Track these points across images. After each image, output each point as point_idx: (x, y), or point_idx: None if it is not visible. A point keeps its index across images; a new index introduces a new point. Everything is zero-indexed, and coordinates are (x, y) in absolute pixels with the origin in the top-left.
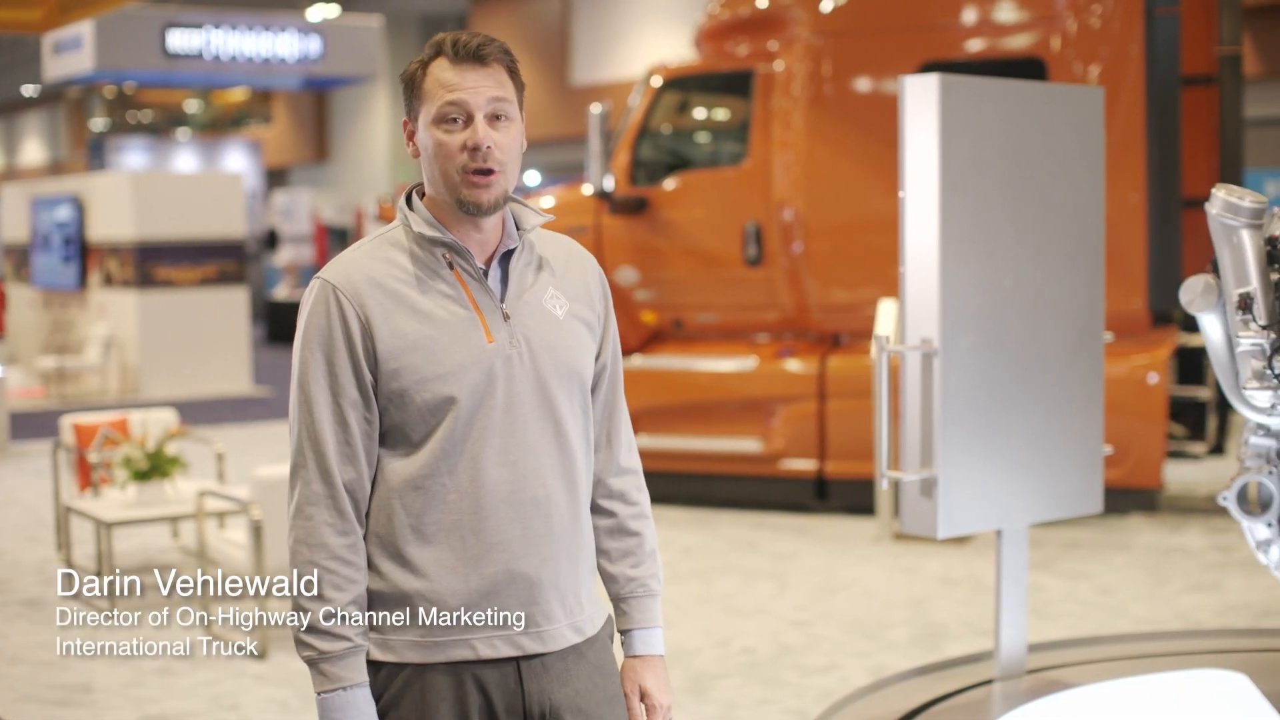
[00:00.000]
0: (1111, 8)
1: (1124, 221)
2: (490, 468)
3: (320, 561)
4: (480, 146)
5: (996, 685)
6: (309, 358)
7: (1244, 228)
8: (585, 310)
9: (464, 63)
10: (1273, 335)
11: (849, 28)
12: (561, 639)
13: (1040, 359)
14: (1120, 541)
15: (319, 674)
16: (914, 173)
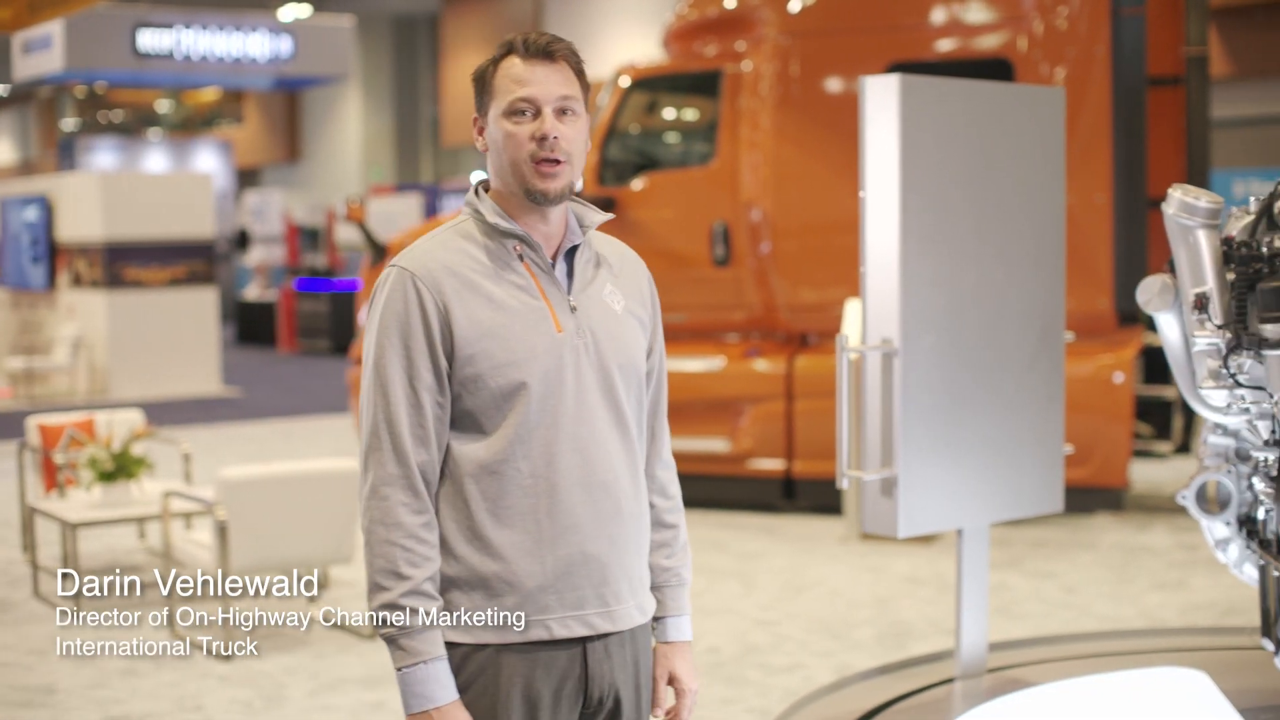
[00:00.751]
0: (1078, 9)
1: (1090, 221)
2: (563, 453)
3: (397, 540)
4: (548, 136)
5: (957, 684)
6: (386, 343)
7: (1200, 228)
8: (639, 309)
9: (534, 59)
10: (1228, 335)
11: (816, 28)
12: (628, 618)
13: (1001, 359)
14: (1086, 540)
15: (399, 650)
16: (874, 173)
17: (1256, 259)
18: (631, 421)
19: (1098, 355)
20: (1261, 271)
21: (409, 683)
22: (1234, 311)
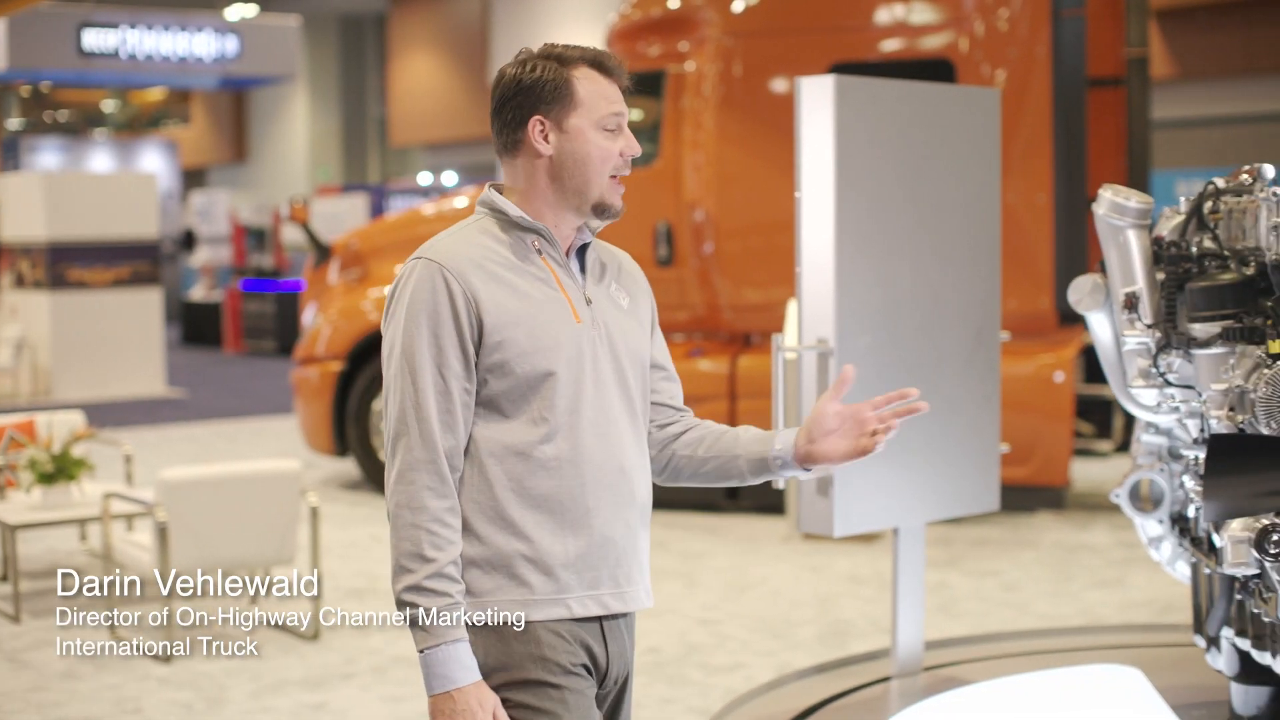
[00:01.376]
0: (1019, 10)
1: (1031, 222)
2: (586, 438)
3: (423, 524)
4: (636, 154)
5: (894, 682)
6: (414, 330)
7: (1130, 228)
8: (640, 307)
9: (616, 78)
10: (1158, 334)
11: (759, 29)
12: (637, 600)
13: (937, 358)
14: (1027, 539)
15: (422, 631)
16: (810, 173)
17: (1186, 259)
18: (640, 412)
19: (1038, 355)
20: (1191, 271)
21: (431, 664)
22: (1164, 311)
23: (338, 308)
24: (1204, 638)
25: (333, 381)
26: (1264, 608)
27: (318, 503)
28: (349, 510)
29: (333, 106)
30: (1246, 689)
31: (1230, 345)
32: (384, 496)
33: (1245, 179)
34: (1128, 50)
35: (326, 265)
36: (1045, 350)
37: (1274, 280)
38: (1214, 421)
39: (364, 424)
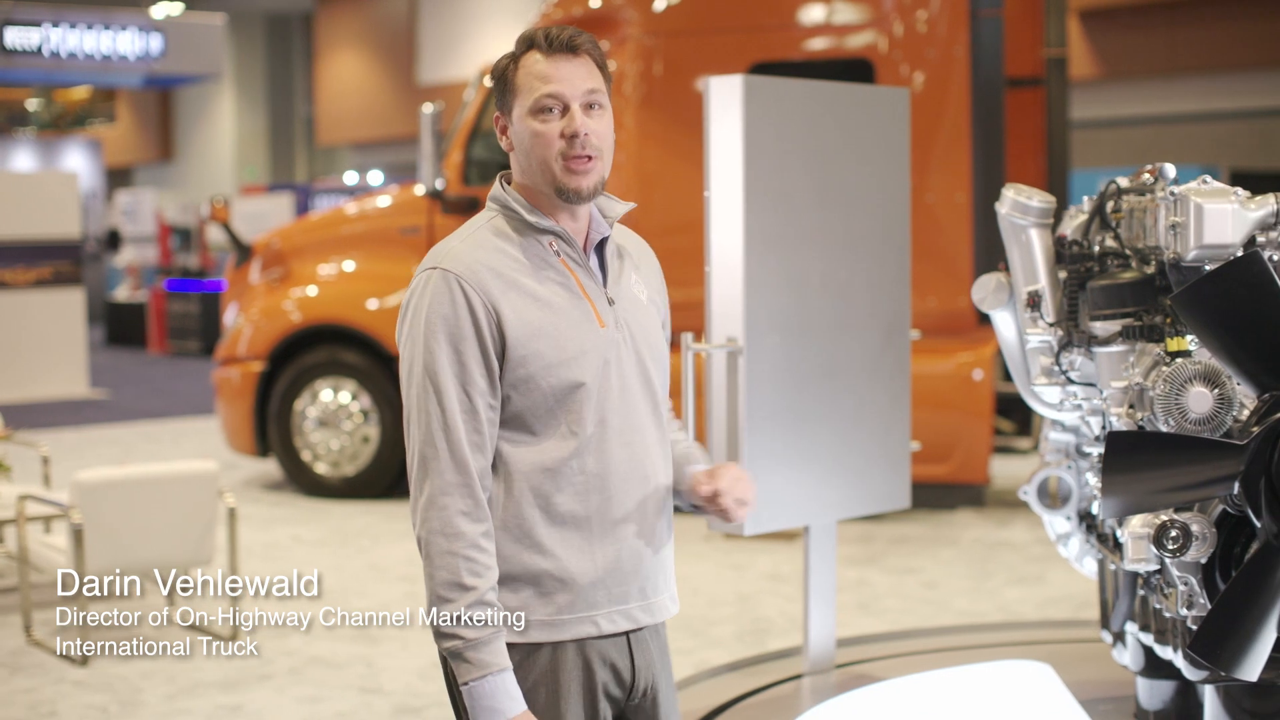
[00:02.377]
0: (937, 11)
1: (950, 221)
2: (613, 448)
3: (460, 551)
4: (579, 134)
5: (805, 679)
6: (436, 347)
7: (1032, 227)
8: (658, 297)
9: (557, 54)
10: (1060, 332)
11: (680, 28)
12: (664, 610)
13: (846, 357)
14: (948, 536)
15: (465, 663)
16: (718, 173)
17: (1088, 257)
18: (664, 411)
19: (957, 353)
20: (1092, 270)
21: (477, 696)
22: (1065, 309)
23: (259, 307)
24: (1110, 633)
25: (254, 382)
26: (1165, 603)
27: (235, 504)
28: (270, 511)
29: (259, 106)
30: (1152, 683)
31: (1130, 343)
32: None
33: (1147, 178)
34: (1046, 50)
35: (248, 265)
36: (964, 349)
37: (1172, 279)
38: (1114, 419)
39: (286, 425)
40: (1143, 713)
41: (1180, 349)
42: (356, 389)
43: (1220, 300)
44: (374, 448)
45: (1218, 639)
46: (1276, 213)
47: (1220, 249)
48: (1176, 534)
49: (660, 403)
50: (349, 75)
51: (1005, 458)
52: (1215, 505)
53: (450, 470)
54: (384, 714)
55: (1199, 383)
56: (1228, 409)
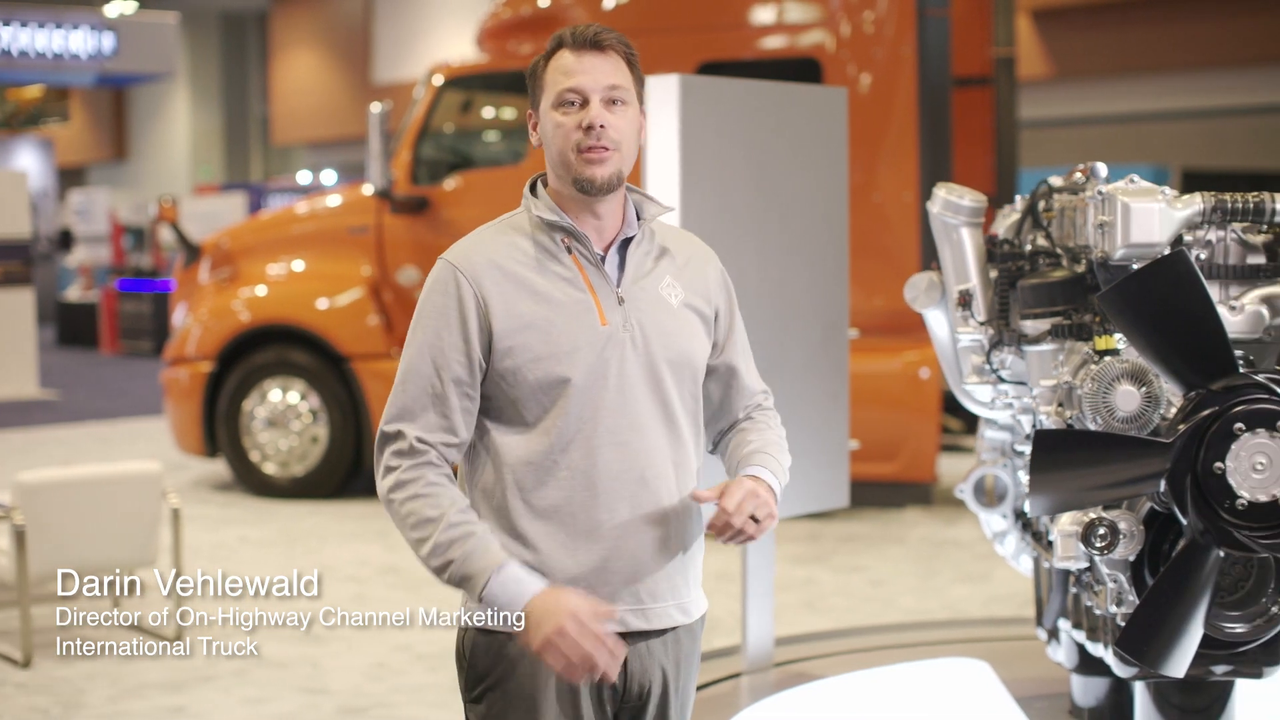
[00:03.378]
0: (884, 11)
1: (898, 220)
2: (603, 447)
3: (417, 492)
4: (594, 125)
5: (744, 678)
6: (418, 334)
7: (964, 226)
8: (701, 303)
9: (583, 50)
10: (991, 331)
11: (628, 28)
12: (667, 618)
13: (784, 356)
14: (895, 534)
15: (468, 579)
16: (655, 172)
17: (1019, 256)
18: (681, 418)
19: (904, 351)
20: (1023, 269)
21: (496, 598)
22: (996, 308)
23: (208, 307)
24: (1045, 631)
25: (202, 382)
26: (1095, 600)
27: (179, 504)
28: (219, 512)
29: (214, 105)
30: (1086, 680)
31: (1059, 341)
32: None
33: (1079, 178)
34: (995, 50)
35: (196, 265)
36: (911, 347)
37: (1100, 278)
38: (1043, 417)
39: (234, 425)
40: (1078, 710)
41: (1108, 347)
42: (305, 389)
43: (1146, 299)
44: (323, 448)
45: (1145, 636)
46: (1203, 212)
47: (1147, 248)
48: (1104, 531)
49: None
50: (304, 74)
51: (953, 456)
52: (1143, 503)
53: (405, 446)
54: (328, 714)
55: (1126, 381)
56: (1155, 407)
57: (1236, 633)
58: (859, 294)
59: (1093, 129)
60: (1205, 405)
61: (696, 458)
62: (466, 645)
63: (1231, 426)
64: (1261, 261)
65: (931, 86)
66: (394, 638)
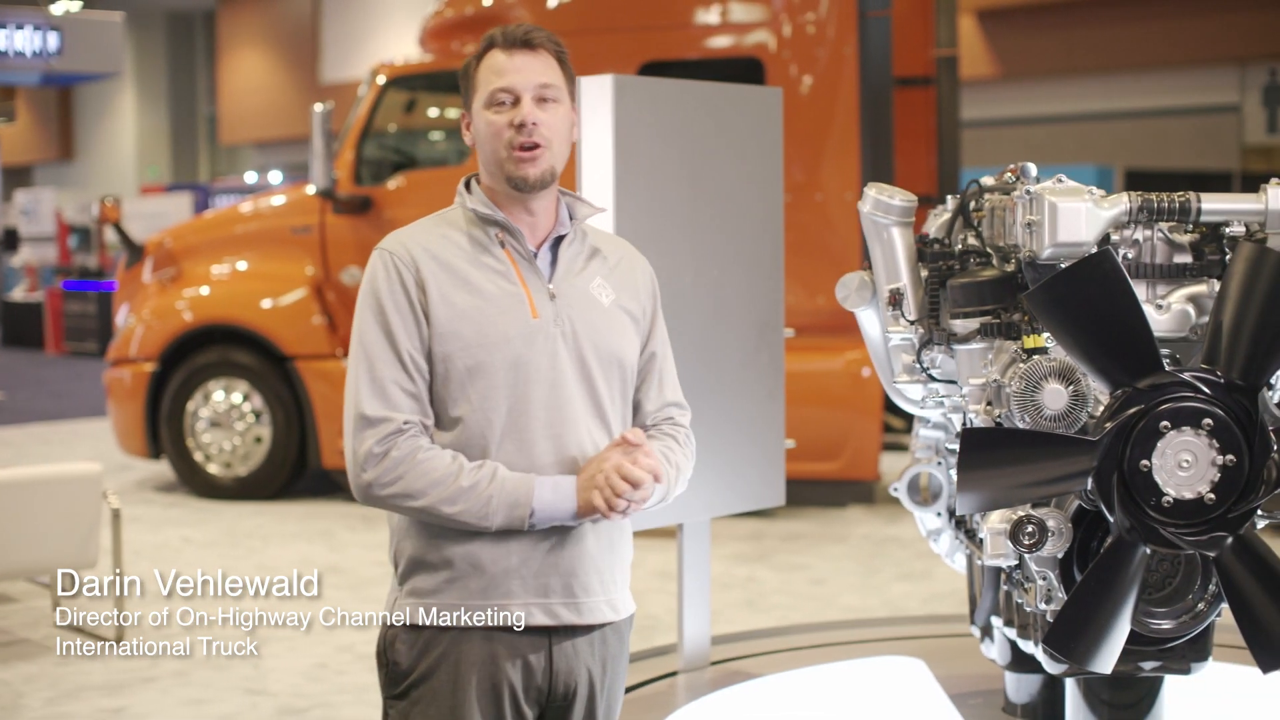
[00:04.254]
0: (826, 11)
1: (840, 219)
2: (536, 439)
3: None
4: (526, 123)
5: (680, 677)
6: (366, 318)
7: (894, 225)
8: (632, 304)
9: (514, 49)
10: (921, 330)
11: (571, 28)
12: (597, 613)
13: (719, 356)
14: (838, 533)
15: (516, 505)
16: (589, 172)
17: (949, 255)
18: (611, 414)
19: (847, 351)
20: (953, 268)
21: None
22: (927, 307)
23: (151, 307)
24: (978, 628)
25: (145, 383)
26: (1025, 598)
27: (119, 505)
28: (162, 513)
29: (161, 104)
30: (1019, 677)
31: (988, 340)
32: (354, 492)
33: (1009, 177)
34: (937, 50)
35: (140, 265)
36: (853, 346)
37: (1028, 277)
38: (972, 416)
39: (178, 426)
40: (1011, 706)
41: (1036, 346)
42: (249, 389)
43: (1072, 298)
44: (266, 448)
45: (1072, 633)
46: (1129, 211)
47: (1074, 247)
48: (1032, 529)
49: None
50: (252, 74)
51: (895, 454)
52: (1072, 501)
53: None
54: (268, 715)
55: (1054, 379)
56: (1082, 405)
57: (1164, 629)
58: (801, 293)
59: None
60: (1131, 403)
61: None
62: (389, 643)
63: (1157, 424)
64: (1188, 261)
65: (873, 86)
66: (336, 638)
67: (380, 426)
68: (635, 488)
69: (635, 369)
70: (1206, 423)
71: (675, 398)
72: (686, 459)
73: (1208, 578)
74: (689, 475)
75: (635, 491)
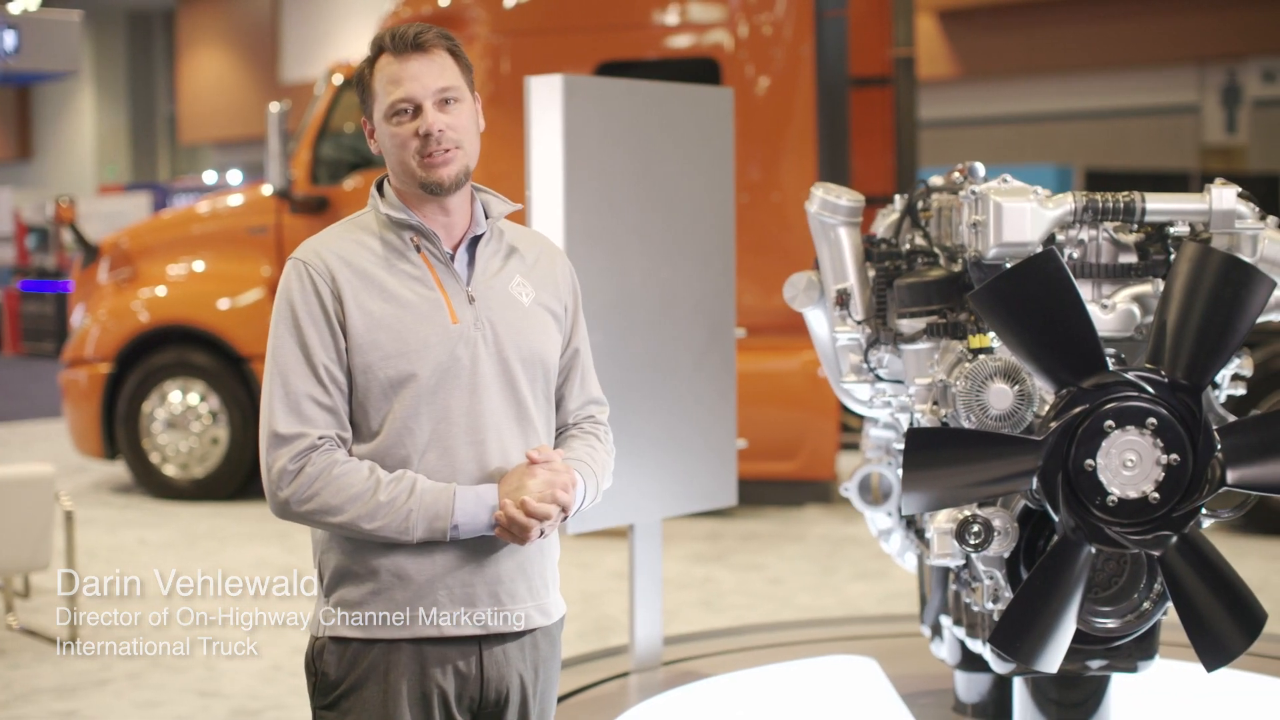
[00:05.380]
0: (783, 11)
1: (797, 219)
2: (458, 446)
3: (336, 474)
4: (432, 132)
5: (632, 677)
6: (280, 331)
7: (841, 225)
8: (552, 301)
9: (406, 54)
10: (868, 330)
11: (528, 27)
12: (526, 619)
13: (671, 355)
14: (795, 533)
15: (437, 517)
16: (539, 172)
17: (896, 255)
18: (535, 415)
19: (803, 350)
20: (900, 268)
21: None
22: (874, 307)
23: (107, 308)
24: (928, 627)
25: (101, 384)
26: (973, 597)
27: (72, 507)
28: (118, 514)
29: (120, 103)
30: (969, 676)
31: (935, 340)
32: (270, 504)
33: (957, 177)
34: (895, 50)
35: (95, 265)
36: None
37: (973, 277)
38: (919, 415)
39: (134, 427)
40: (961, 705)
41: (982, 346)
42: (205, 390)
43: (1017, 297)
44: (223, 449)
45: (1018, 632)
46: (1074, 211)
47: (1019, 247)
48: (978, 529)
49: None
50: (211, 73)
51: (853, 454)
52: (1018, 500)
53: (309, 448)
54: (221, 717)
55: (999, 379)
56: (1028, 405)
57: (1109, 628)
58: (758, 293)
59: (998, 129)
60: (1076, 403)
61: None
62: (317, 653)
63: (1102, 424)
64: (1133, 260)
65: (830, 86)
66: (291, 640)
67: (294, 443)
68: (541, 520)
69: (557, 367)
70: (1151, 422)
71: (596, 394)
72: (608, 456)
73: (1153, 577)
74: (611, 470)
75: (543, 522)
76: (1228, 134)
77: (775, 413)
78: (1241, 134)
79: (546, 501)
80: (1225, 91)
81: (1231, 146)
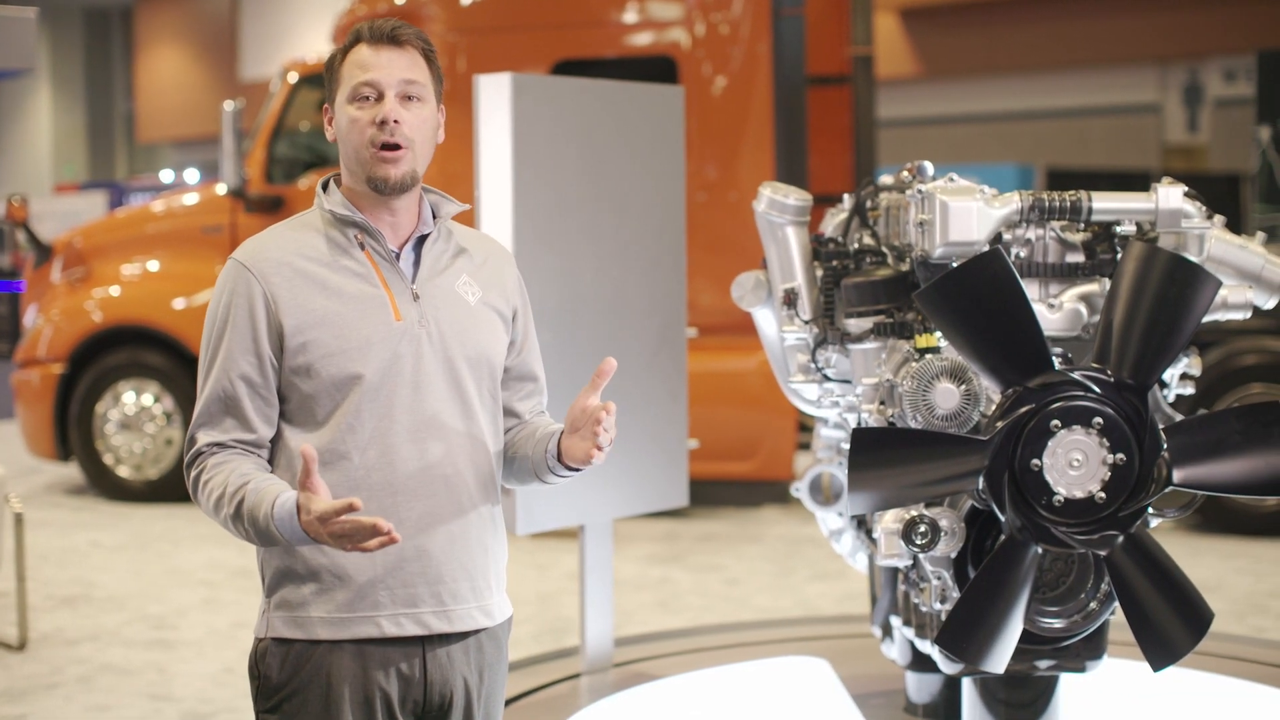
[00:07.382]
0: (740, 10)
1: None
2: (399, 444)
3: (213, 475)
4: (388, 120)
5: (583, 679)
6: (209, 335)
7: (789, 225)
8: (499, 301)
9: (380, 44)
10: (816, 329)
11: (484, 25)
12: (469, 620)
13: (621, 355)
14: (753, 533)
15: (265, 538)
16: (488, 171)
17: (844, 255)
18: (481, 415)
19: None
20: (848, 267)
21: (282, 526)
22: (822, 306)
23: (60, 308)
24: (879, 628)
25: (54, 384)
26: (921, 597)
27: (21, 509)
28: (71, 516)
29: (78, 102)
30: (920, 677)
31: (882, 340)
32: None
33: (907, 176)
34: (853, 49)
35: (48, 265)
36: None
37: (920, 276)
38: (866, 415)
39: (87, 428)
40: (912, 706)
41: (929, 345)
42: (159, 391)
43: (963, 296)
44: (177, 450)
45: (964, 632)
46: (1021, 210)
47: (965, 246)
48: (925, 529)
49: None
50: (170, 71)
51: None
52: (965, 500)
53: (203, 454)
54: None
55: (946, 379)
56: (974, 404)
57: (1055, 628)
58: (715, 292)
59: (959, 128)
60: (1022, 402)
61: (495, 458)
62: (260, 656)
63: (1048, 423)
64: (1080, 260)
65: (787, 85)
66: (244, 642)
67: (194, 447)
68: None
69: (502, 366)
70: (1097, 421)
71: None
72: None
73: (1100, 577)
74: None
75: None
76: (1189, 133)
77: (732, 413)
78: (1203, 133)
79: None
80: (1187, 91)
81: (1193, 146)
